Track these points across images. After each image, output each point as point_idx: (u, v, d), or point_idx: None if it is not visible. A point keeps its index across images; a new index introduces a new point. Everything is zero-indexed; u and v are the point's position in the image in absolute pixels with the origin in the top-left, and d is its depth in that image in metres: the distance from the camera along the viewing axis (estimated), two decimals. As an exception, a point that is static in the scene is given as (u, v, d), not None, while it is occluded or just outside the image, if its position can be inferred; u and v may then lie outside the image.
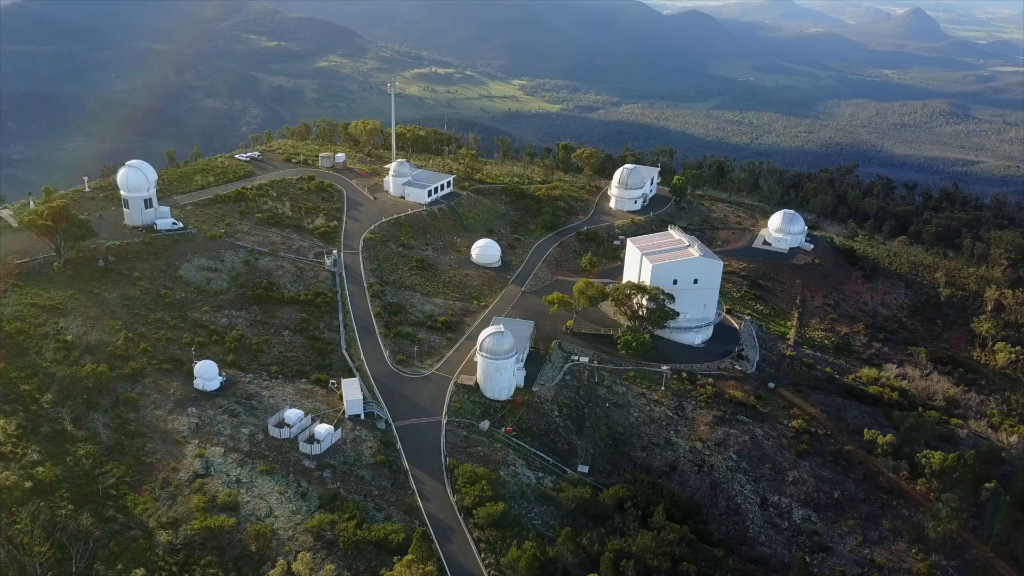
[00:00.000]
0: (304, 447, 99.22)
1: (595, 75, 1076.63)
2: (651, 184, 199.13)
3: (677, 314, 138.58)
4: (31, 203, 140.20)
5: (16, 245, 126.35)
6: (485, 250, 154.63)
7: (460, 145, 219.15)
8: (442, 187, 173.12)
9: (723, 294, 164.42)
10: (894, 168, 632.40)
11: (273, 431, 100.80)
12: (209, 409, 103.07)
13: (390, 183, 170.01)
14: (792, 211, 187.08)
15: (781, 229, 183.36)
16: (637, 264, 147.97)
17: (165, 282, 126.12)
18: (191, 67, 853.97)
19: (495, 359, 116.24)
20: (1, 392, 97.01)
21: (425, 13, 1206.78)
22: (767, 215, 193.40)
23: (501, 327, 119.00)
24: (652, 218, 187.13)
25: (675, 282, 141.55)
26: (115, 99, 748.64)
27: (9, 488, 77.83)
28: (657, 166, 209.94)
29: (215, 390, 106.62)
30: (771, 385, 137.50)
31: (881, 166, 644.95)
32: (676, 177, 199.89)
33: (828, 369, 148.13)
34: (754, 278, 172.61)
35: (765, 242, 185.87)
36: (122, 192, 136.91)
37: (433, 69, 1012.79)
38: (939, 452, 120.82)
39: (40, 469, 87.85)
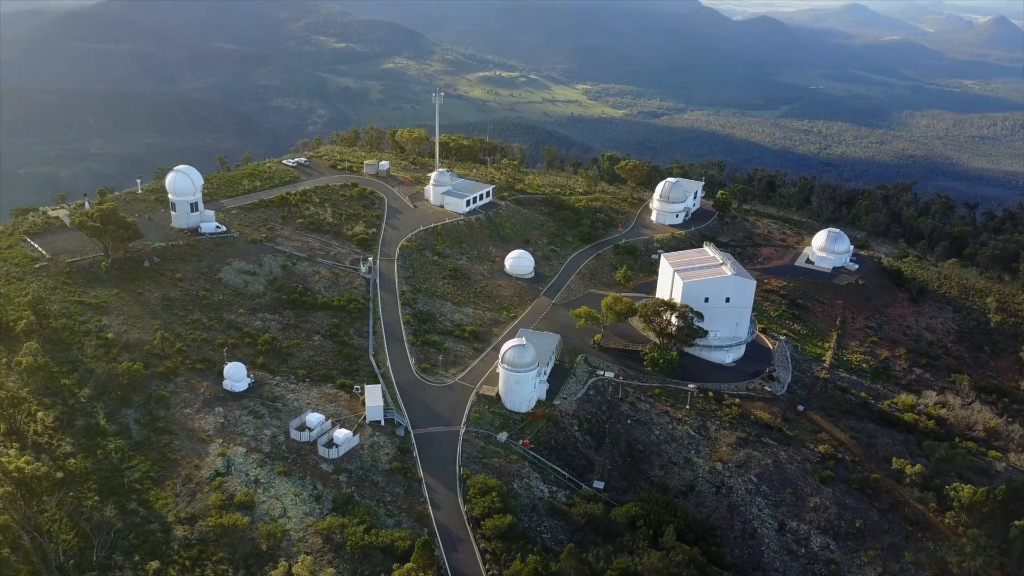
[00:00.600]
0: (322, 451, 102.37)
1: (660, 81, 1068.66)
2: (694, 198, 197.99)
3: (706, 332, 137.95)
4: (86, 204, 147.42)
5: (70, 244, 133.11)
6: (518, 261, 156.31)
7: (505, 154, 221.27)
8: (481, 197, 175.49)
9: (760, 313, 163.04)
10: (969, 182, 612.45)
11: (294, 434, 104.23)
12: (235, 410, 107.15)
13: (430, 192, 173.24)
14: (837, 230, 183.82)
15: (825, 248, 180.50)
16: (669, 280, 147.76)
17: (205, 284, 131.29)
18: (262, 67, 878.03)
19: (516, 371, 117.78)
20: (43, 385, 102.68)
21: (491, 16, 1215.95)
22: (815, 232, 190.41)
23: (523, 340, 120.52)
24: (693, 233, 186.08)
25: (706, 300, 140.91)
26: (188, 97, 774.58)
27: (39, 478, 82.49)
28: (702, 180, 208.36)
29: (243, 391, 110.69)
30: (800, 408, 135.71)
31: (955, 180, 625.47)
32: (720, 192, 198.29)
33: (863, 394, 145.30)
34: (793, 297, 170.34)
35: (808, 261, 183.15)
36: (170, 196, 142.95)
37: (497, 72, 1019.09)
38: (969, 485, 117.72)
39: (71, 461, 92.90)
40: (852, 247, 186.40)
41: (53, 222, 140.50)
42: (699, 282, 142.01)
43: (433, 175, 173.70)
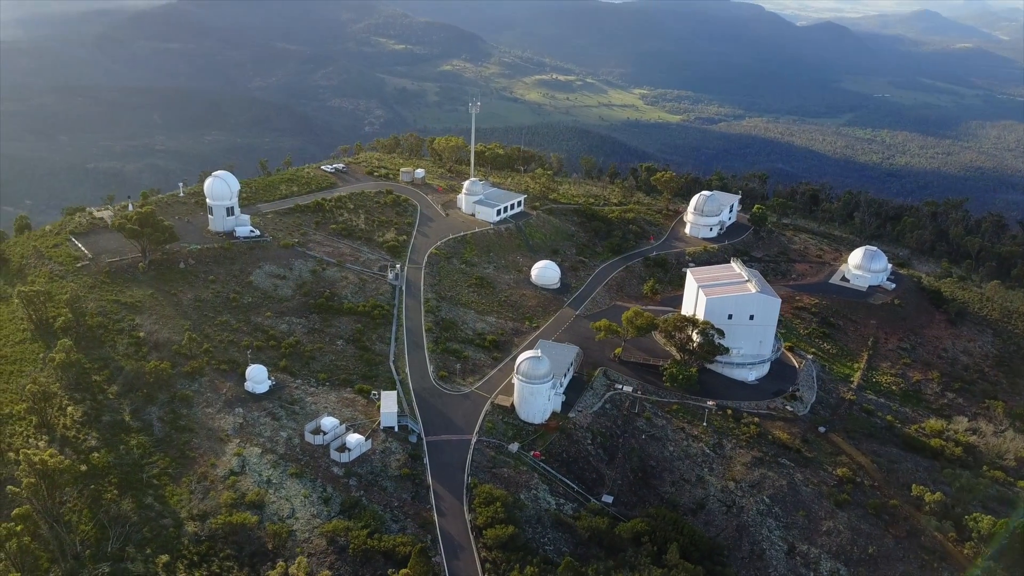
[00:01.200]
0: (335, 455, 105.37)
1: (719, 86, 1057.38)
2: (730, 212, 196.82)
3: (727, 350, 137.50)
4: (129, 206, 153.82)
5: (111, 245, 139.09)
6: (544, 271, 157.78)
7: (542, 163, 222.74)
8: (512, 206, 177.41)
9: (789, 330, 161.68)
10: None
11: (309, 437, 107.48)
12: (255, 411, 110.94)
13: (462, 200, 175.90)
14: (874, 248, 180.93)
15: (861, 266, 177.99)
16: (694, 295, 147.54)
17: (236, 286, 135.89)
18: (321, 67, 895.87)
19: (530, 383, 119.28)
20: (75, 380, 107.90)
21: (550, 19, 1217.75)
22: (855, 249, 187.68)
23: (538, 352, 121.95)
24: (727, 247, 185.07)
25: (730, 316, 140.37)
26: (249, 96, 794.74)
27: (61, 471, 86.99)
28: (738, 193, 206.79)
29: (263, 393, 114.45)
30: (822, 429, 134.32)
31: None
32: (756, 206, 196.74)
33: (889, 417, 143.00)
34: (825, 315, 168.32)
35: (844, 278, 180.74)
36: (207, 200, 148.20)
37: (554, 76, 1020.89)
38: (989, 516, 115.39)
39: (95, 455, 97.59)
40: (890, 266, 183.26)
41: (97, 223, 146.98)
42: (723, 299, 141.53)
43: (465, 184, 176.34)
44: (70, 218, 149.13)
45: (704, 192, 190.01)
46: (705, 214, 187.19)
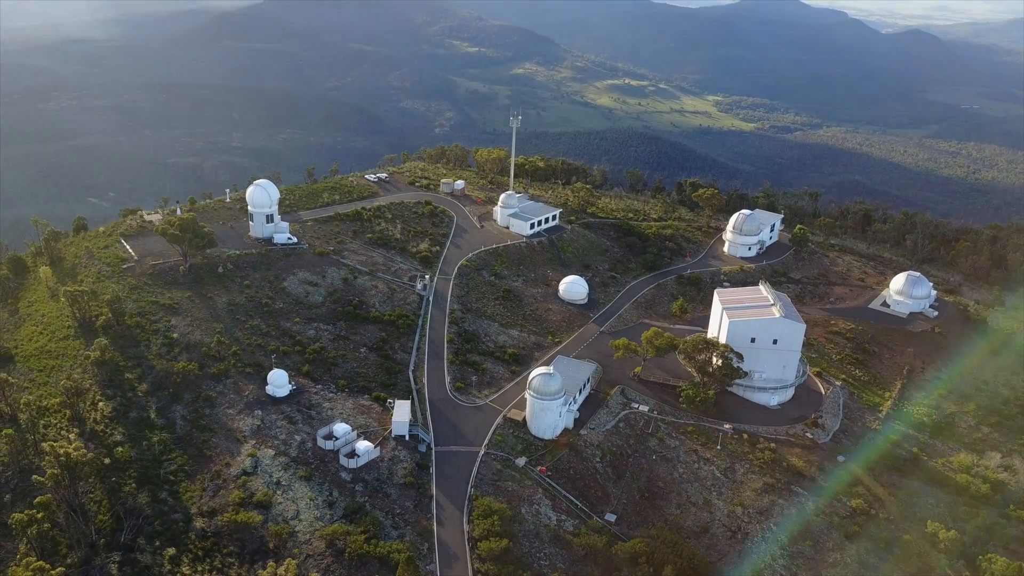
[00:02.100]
0: (344, 460, 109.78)
1: (796, 94, 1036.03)
2: (771, 231, 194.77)
3: (745, 373, 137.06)
4: (178, 211, 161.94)
5: (157, 247, 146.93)
6: (571, 286, 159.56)
7: (587, 175, 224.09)
8: (546, 220, 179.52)
9: (821, 355, 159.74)
10: None
11: (321, 442, 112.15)
12: (273, 414, 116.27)
13: (497, 213, 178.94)
14: (917, 274, 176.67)
15: (903, 292, 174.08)
16: (719, 317, 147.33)
17: (269, 292, 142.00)
18: (395, 69, 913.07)
19: (541, 399, 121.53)
20: (108, 377, 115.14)
21: (625, 24, 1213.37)
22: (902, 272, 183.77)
23: (550, 368, 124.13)
24: (764, 267, 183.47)
25: (753, 340, 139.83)
26: (324, 96, 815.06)
27: (83, 463, 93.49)
28: (781, 212, 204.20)
29: (283, 397, 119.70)
30: (841, 458, 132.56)
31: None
32: (798, 227, 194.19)
33: (915, 449, 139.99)
34: (860, 341, 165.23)
35: (884, 303, 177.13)
36: (249, 207, 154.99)
37: (626, 81, 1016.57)
38: (1003, 558, 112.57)
39: (119, 449, 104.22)
40: (935, 292, 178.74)
41: (147, 226, 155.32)
42: (746, 322, 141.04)
43: (501, 197, 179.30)
44: (122, 220, 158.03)
45: (743, 211, 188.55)
46: (744, 233, 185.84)
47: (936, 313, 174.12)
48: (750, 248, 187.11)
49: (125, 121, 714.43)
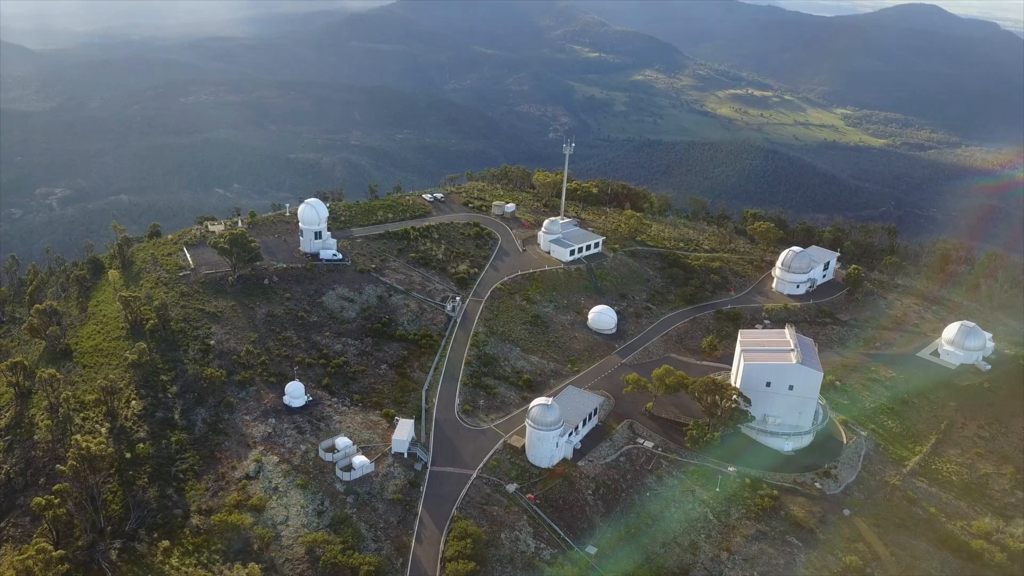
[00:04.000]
0: (340, 473, 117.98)
1: (934, 110, 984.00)
2: (825, 269, 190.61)
3: (752, 418, 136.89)
4: (239, 222, 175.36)
5: (213, 258, 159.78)
6: (599, 316, 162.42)
7: (647, 200, 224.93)
8: (588, 247, 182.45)
9: (854, 401, 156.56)
10: None
11: (322, 453, 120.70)
12: (285, 423, 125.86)
13: (541, 238, 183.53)
14: (972, 324, 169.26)
15: (954, 342, 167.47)
16: (738, 358, 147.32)
17: (307, 305, 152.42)
18: (514, 72, 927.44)
19: (538, 429, 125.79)
20: (144, 378, 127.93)
21: (753, 32, 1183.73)
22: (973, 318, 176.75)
23: (549, 400, 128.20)
24: (810, 306, 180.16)
25: (768, 384, 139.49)
26: (443, 98, 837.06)
27: (102, 457, 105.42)
28: (837, 251, 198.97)
29: (298, 407, 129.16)
30: (846, 512, 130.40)
31: None
32: (852, 266, 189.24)
33: (932, 509, 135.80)
34: (898, 391, 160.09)
35: (935, 352, 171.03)
36: (300, 223, 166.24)
37: (749, 91, 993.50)
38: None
39: (140, 446, 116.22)
40: (992, 344, 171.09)
41: (209, 236, 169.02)
42: (762, 365, 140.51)
43: (545, 222, 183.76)
44: (189, 229, 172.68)
45: (794, 248, 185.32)
46: (792, 270, 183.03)
47: (989, 367, 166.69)
48: (798, 286, 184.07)
49: (254, 116, 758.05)
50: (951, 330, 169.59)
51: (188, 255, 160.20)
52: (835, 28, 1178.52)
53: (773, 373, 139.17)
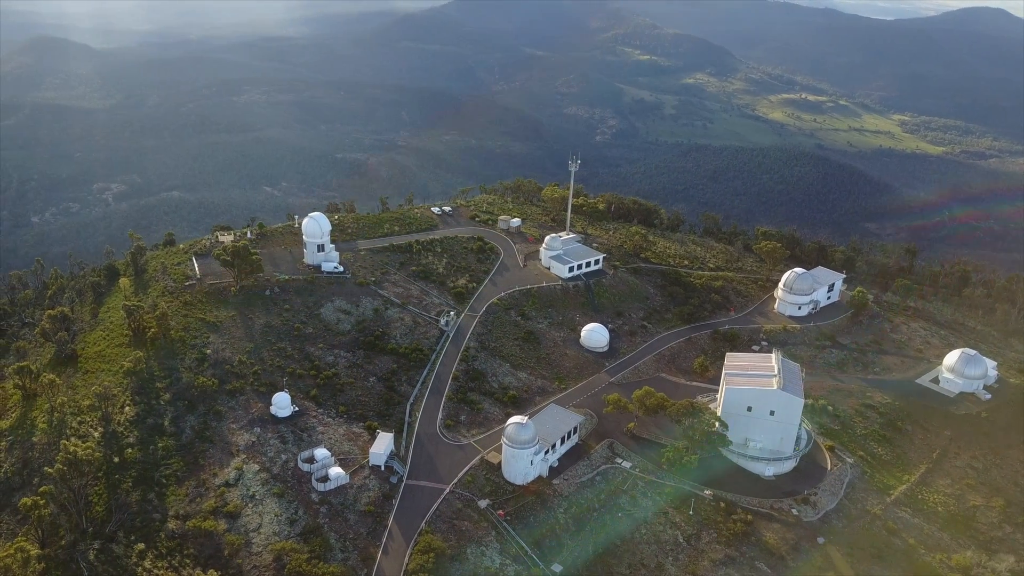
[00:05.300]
0: (316, 484, 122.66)
1: (996, 117, 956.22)
2: (830, 291, 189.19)
3: (729, 442, 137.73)
4: (248, 232, 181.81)
5: (219, 268, 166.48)
6: (591, 334, 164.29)
7: (658, 216, 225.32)
8: (587, 264, 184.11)
9: (846, 428, 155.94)
10: None
11: (301, 464, 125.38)
12: (269, 432, 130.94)
13: (542, 254, 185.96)
14: (973, 352, 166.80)
15: (954, 369, 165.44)
16: (723, 381, 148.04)
17: (303, 317, 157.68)
18: (563, 74, 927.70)
19: (512, 447, 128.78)
20: (139, 385, 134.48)
21: (808, 35, 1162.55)
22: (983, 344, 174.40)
23: (524, 418, 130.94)
24: (810, 328, 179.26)
25: (749, 409, 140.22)
26: (490, 99, 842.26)
27: (87, 461, 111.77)
28: (843, 272, 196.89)
29: (285, 417, 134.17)
30: (820, 540, 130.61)
31: None
32: (857, 289, 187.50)
33: (912, 541, 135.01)
34: (893, 418, 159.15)
35: (934, 379, 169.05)
36: (303, 236, 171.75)
37: (803, 95, 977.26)
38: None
39: (128, 451, 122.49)
40: (995, 373, 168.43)
41: (216, 246, 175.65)
42: (743, 390, 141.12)
43: (546, 239, 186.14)
44: (199, 239, 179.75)
45: (797, 270, 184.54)
46: (794, 292, 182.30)
47: (989, 396, 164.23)
48: (800, 308, 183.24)
49: (304, 116, 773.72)
50: (952, 357, 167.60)
51: (196, 265, 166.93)
52: (895, 32, 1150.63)
53: (754, 398, 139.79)
